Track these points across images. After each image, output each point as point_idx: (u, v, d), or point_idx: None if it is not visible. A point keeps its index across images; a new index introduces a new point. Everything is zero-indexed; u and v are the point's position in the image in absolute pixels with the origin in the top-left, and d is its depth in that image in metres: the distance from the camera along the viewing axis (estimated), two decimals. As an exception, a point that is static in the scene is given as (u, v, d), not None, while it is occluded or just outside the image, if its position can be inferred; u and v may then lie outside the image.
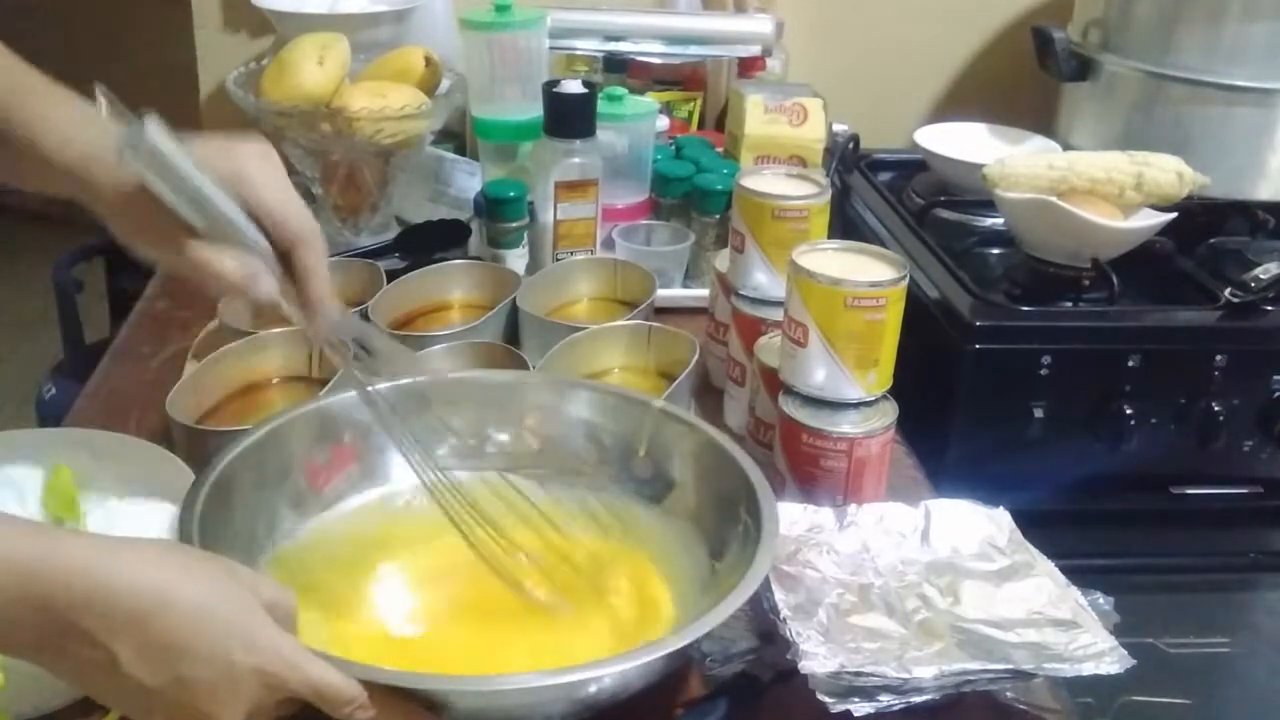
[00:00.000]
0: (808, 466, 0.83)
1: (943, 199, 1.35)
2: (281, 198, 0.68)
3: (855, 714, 0.64)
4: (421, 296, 1.07)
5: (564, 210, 1.11)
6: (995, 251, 1.26)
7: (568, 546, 0.77)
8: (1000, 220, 1.25)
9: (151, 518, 0.74)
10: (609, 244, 1.16)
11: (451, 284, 1.09)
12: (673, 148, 1.28)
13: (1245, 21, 1.27)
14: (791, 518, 0.78)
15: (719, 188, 1.15)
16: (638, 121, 1.19)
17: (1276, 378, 1.08)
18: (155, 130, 0.62)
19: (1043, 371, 1.05)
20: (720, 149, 1.30)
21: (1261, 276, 1.10)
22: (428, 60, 1.22)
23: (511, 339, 1.02)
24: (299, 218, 0.68)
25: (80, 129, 0.67)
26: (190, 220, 0.65)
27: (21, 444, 0.78)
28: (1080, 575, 0.75)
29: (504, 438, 0.84)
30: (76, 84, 0.70)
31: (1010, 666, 0.67)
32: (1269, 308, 1.09)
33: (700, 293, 1.11)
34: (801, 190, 0.93)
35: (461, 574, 0.76)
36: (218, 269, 0.66)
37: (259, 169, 0.68)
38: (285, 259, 0.68)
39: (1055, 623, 0.71)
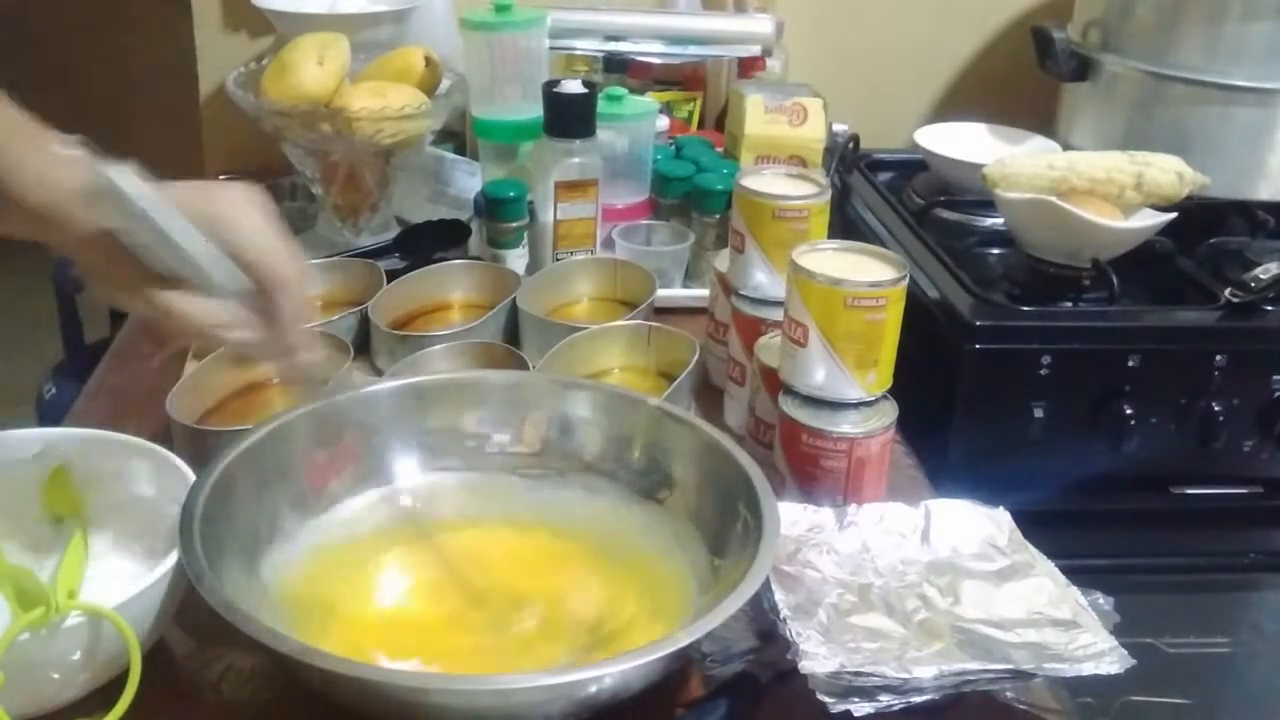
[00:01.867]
0: (808, 466, 0.83)
1: (943, 199, 1.35)
2: (258, 239, 0.66)
3: (855, 714, 0.64)
4: (421, 296, 1.07)
5: (564, 210, 1.11)
6: (995, 251, 1.26)
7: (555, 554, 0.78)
8: (1000, 220, 1.25)
9: (151, 518, 0.74)
10: (609, 244, 1.16)
11: (451, 284, 1.09)
12: (673, 148, 1.28)
13: (1245, 21, 1.26)
14: (791, 518, 0.78)
15: (719, 188, 1.15)
16: (638, 121, 1.19)
17: (1276, 378, 1.08)
18: (123, 173, 0.62)
19: (1043, 371, 1.05)
20: (720, 149, 1.30)
21: (1261, 276, 1.10)
22: (428, 60, 1.21)
23: (511, 339, 1.02)
24: (275, 260, 0.66)
25: (52, 170, 0.64)
26: (160, 265, 0.63)
27: (21, 444, 0.78)
28: (1080, 575, 0.75)
29: (504, 438, 0.84)
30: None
31: (1010, 666, 0.67)
32: (1269, 308, 1.09)
33: (700, 293, 1.11)
34: (801, 190, 0.93)
35: (462, 574, 0.76)
36: (185, 316, 0.64)
37: (237, 209, 0.66)
38: (265, 302, 0.66)
39: (1055, 623, 0.71)
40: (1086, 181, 1.13)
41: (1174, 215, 1.14)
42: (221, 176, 1.38)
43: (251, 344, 0.67)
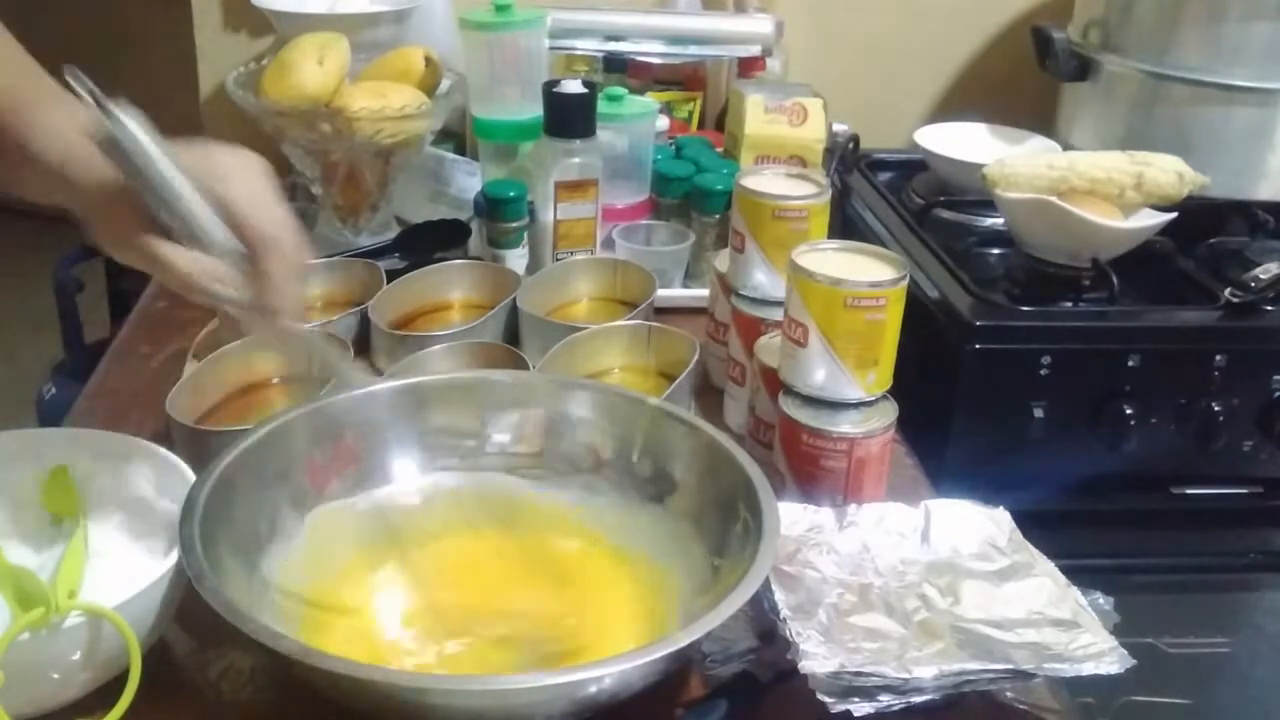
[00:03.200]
0: (808, 466, 0.83)
1: (943, 199, 1.35)
2: (253, 200, 0.67)
3: (855, 714, 0.64)
4: (421, 296, 1.07)
5: (564, 210, 1.11)
6: (995, 251, 1.26)
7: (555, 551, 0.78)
8: (1000, 220, 1.25)
9: (151, 518, 0.74)
10: (609, 244, 1.16)
11: (451, 284, 1.09)
12: (673, 148, 1.28)
13: (1245, 21, 1.26)
14: (791, 518, 0.78)
15: (719, 188, 1.15)
16: (638, 121, 1.19)
17: (1276, 378, 1.08)
18: (130, 121, 0.63)
19: (1043, 371, 1.05)
20: (720, 149, 1.30)
21: (1261, 276, 1.10)
22: (428, 60, 1.22)
23: (511, 339, 1.02)
24: (268, 222, 0.67)
25: (64, 122, 0.67)
26: (159, 215, 0.65)
27: (22, 444, 0.78)
28: (1080, 575, 0.75)
29: (504, 438, 0.84)
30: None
31: (1010, 666, 0.67)
32: (1269, 308, 1.09)
33: (700, 293, 1.11)
34: (801, 190, 0.93)
35: (462, 574, 0.76)
36: (173, 266, 0.65)
37: (236, 172, 0.67)
38: (253, 263, 0.67)
39: (1055, 623, 0.71)
40: (1086, 181, 1.13)
41: (1174, 215, 1.14)
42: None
43: (236, 303, 0.68)
